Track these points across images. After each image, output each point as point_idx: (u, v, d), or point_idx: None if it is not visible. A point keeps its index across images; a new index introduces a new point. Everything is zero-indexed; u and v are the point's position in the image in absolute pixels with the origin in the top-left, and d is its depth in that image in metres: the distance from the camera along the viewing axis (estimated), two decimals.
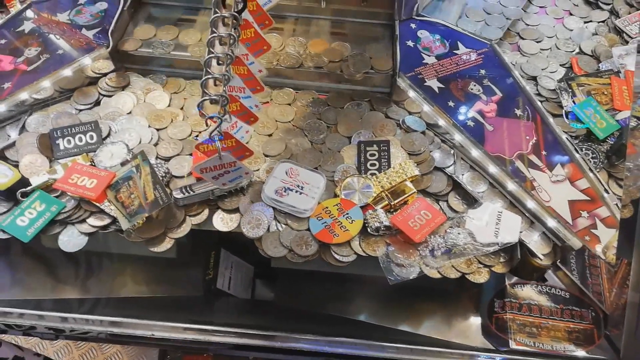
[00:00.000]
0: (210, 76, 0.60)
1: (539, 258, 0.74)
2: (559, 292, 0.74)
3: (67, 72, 0.87)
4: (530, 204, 0.76)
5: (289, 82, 0.94)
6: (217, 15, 0.61)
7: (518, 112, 0.86)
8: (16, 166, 0.80)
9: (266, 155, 0.84)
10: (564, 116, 0.89)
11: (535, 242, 0.75)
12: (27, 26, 0.94)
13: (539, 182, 0.77)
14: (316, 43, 0.96)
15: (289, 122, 0.89)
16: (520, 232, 0.75)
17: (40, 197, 0.77)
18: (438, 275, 0.74)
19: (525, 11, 1.08)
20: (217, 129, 0.61)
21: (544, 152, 0.81)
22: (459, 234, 0.75)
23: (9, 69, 0.86)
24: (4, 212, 0.76)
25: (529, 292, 0.74)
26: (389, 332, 0.80)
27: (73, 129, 0.82)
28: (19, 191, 0.77)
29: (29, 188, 0.77)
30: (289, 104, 0.91)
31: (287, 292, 0.99)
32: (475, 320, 0.77)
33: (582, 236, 0.74)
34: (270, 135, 0.88)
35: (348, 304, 0.86)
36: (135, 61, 0.94)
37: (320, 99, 0.92)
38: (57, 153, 0.81)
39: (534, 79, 0.95)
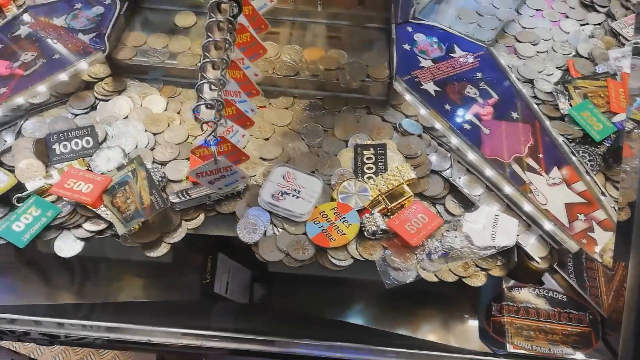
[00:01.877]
0: (205, 81, 0.60)
1: (536, 261, 0.74)
2: (556, 295, 0.74)
3: (64, 76, 0.87)
4: (527, 207, 0.76)
5: (285, 91, 0.93)
6: (212, 19, 0.61)
7: (515, 115, 0.86)
8: (12, 171, 0.80)
9: (263, 159, 0.84)
10: (562, 120, 0.89)
11: (532, 245, 0.75)
12: (23, 30, 0.94)
13: (536, 185, 0.77)
14: (312, 51, 0.95)
15: (286, 125, 0.89)
16: (517, 235, 0.75)
17: (36, 202, 0.77)
18: (435, 279, 0.74)
19: (519, 13, 1.08)
20: (213, 133, 0.61)
21: (540, 155, 0.81)
22: (455, 237, 0.75)
23: (5, 73, 0.86)
24: (0, 218, 0.76)
25: (526, 295, 0.74)
26: (387, 336, 0.80)
27: (69, 133, 0.82)
28: (14, 196, 0.77)
29: (24, 193, 0.77)
30: (287, 108, 0.91)
31: (285, 297, 0.99)
32: (473, 324, 0.77)
33: (579, 239, 0.73)
34: (267, 139, 0.87)
35: (346, 308, 0.86)
36: (130, 70, 0.94)
37: (317, 103, 0.92)
38: (53, 158, 0.81)
39: (531, 81, 0.95)
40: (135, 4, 1.00)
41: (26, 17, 0.96)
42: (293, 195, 0.77)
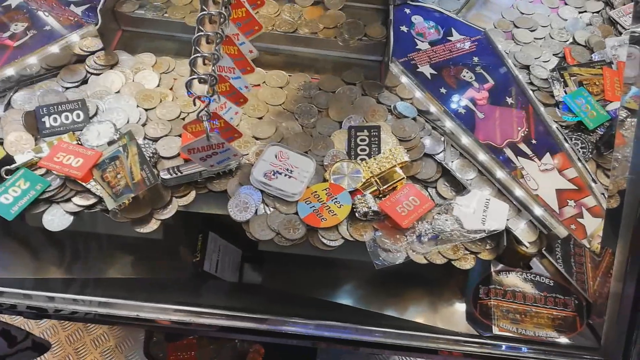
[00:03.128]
0: (199, 54, 0.59)
1: (525, 246, 0.74)
2: (543, 279, 0.75)
3: (55, 48, 0.86)
4: (518, 192, 0.76)
5: (283, 47, 0.94)
6: None
7: (510, 100, 0.86)
8: (0, 143, 0.79)
9: (256, 138, 0.84)
10: (556, 107, 0.88)
11: (522, 230, 0.75)
12: (13, 1, 0.92)
13: (528, 170, 0.77)
14: (312, 10, 0.97)
15: (280, 105, 0.88)
16: (507, 219, 0.76)
17: (24, 175, 0.76)
18: (424, 261, 0.74)
19: None
20: (206, 109, 0.60)
21: (534, 141, 0.81)
22: (446, 220, 0.76)
23: None
24: None
25: (513, 280, 0.75)
26: (375, 316, 0.80)
27: (59, 106, 0.81)
28: (3, 168, 0.76)
29: (13, 166, 0.76)
30: (281, 87, 0.90)
31: (274, 276, 0.99)
32: (460, 307, 0.78)
33: (568, 225, 0.74)
34: (260, 118, 0.87)
35: (335, 289, 0.86)
36: (131, 23, 0.95)
37: (312, 83, 0.91)
38: (42, 131, 0.80)
39: (527, 67, 0.95)
40: None
41: None
42: (285, 175, 0.77)
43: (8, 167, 0.76)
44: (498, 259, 0.77)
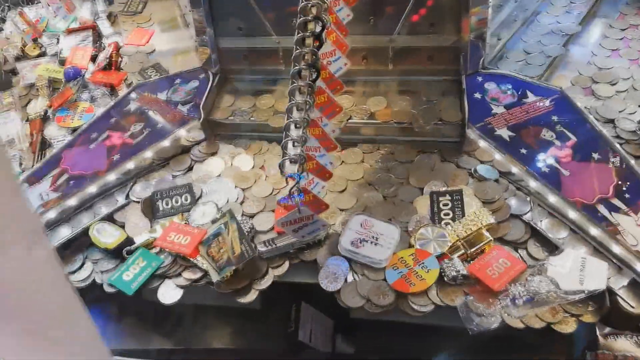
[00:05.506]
0: (289, 139, 0.66)
1: (631, 306, 0.70)
2: None
3: (166, 143, 0.99)
4: (616, 249, 0.73)
5: (359, 137, 0.99)
6: (294, 85, 0.68)
7: (596, 155, 0.84)
8: (122, 227, 0.91)
9: (340, 210, 0.89)
10: None
11: (625, 289, 0.71)
12: (132, 105, 1.08)
13: (624, 226, 0.74)
14: (381, 113, 0.99)
15: (359, 179, 0.93)
16: (608, 278, 0.72)
17: (142, 254, 0.86)
18: (521, 325, 0.72)
19: (567, 50, 1.08)
20: (297, 185, 0.67)
21: (627, 195, 0.78)
22: (540, 281, 0.74)
23: (118, 143, 1.00)
24: (112, 268, 0.86)
25: (623, 343, 0.70)
26: None
27: (171, 191, 0.92)
28: (124, 249, 0.87)
29: (133, 246, 0.87)
30: (358, 163, 0.96)
31: (368, 345, 1.00)
32: None
33: None
34: (342, 191, 0.92)
35: (429, 356, 0.85)
36: (224, 128, 1.05)
37: (388, 155, 0.95)
38: (157, 213, 0.91)
39: (612, 121, 0.93)
40: (224, 76, 1.12)
41: (134, 94, 1.11)
42: (372, 242, 0.80)
43: (129, 247, 0.87)
44: (604, 322, 0.72)
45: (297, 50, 0.70)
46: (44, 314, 0.49)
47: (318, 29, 0.70)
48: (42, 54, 1.28)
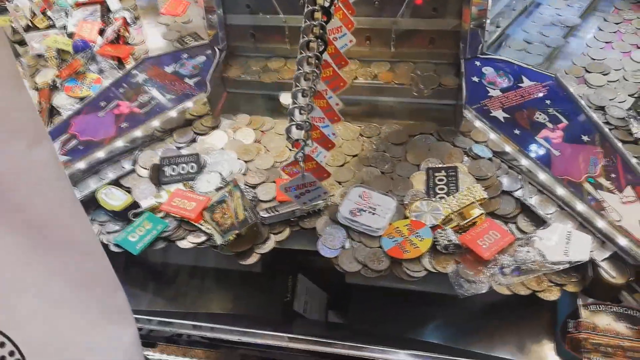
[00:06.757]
0: (296, 105, 0.70)
1: (612, 276, 0.74)
2: (634, 313, 0.73)
3: (172, 113, 1.02)
4: (601, 223, 0.77)
5: (362, 98, 1.06)
6: (302, 55, 0.72)
7: (585, 138, 0.88)
8: (129, 191, 0.94)
9: (339, 183, 0.92)
10: (635, 143, 0.89)
11: (607, 261, 0.76)
12: (140, 77, 1.11)
13: (609, 202, 0.79)
14: (384, 74, 1.08)
15: (356, 156, 0.97)
16: (591, 251, 0.76)
17: (148, 217, 0.89)
18: (508, 292, 0.76)
19: (567, 42, 1.13)
20: (302, 151, 0.70)
21: (613, 175, 0.82)
22: (528, 252, 0.78)
23: (126, 112, 1.03)
24: (118, 230, 0.89)
25: (603, 313, 0.74)
26: (462, 353, 0.82)
27: (178, 159, 0.95)
28: (131, 212, 0.90)
29: (139, 210, 0.90)
30: (355, 140, 1.00)
31: (360, 316, 1.03)
32: (549, 341, 0.78)
33: None
34: (341, 165, 0.96)
35: (420, 327, 0.89)
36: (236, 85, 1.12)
37: (382, 140, 0.99)
38: (163, 179, 0.94)
39: (602, 108, 0.97)
40: (231, 52, 1.15)
41: (142, 67, 1.14)
42: (369, 212, 0.84)
43: (135, 210, 0.90)
44: (585, 292, 0.77)
45: (307, 23, 0.73)
46: (42, 214, 0.48)
47: (326, 3, 0.74)
48: (51, 26, 1.30)
